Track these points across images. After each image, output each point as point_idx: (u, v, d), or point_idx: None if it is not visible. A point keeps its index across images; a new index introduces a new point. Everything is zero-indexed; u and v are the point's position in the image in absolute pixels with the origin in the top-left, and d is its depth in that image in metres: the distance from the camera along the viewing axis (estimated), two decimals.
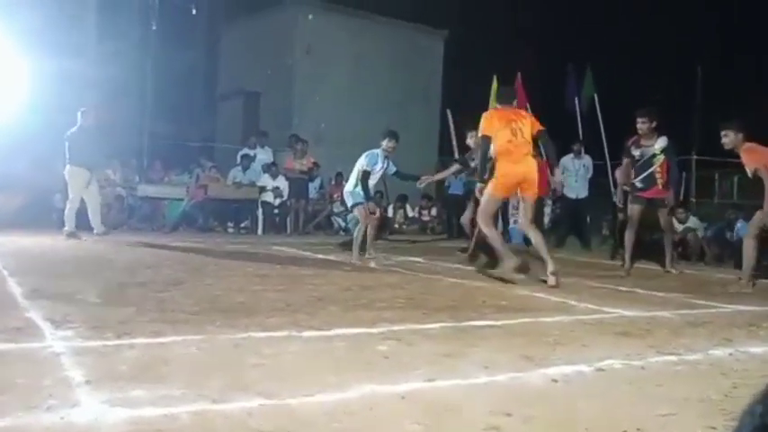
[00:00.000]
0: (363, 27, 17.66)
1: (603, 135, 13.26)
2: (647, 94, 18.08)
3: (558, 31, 20.64)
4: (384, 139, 7.50)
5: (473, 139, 7.74)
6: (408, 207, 14.06)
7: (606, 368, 2.87)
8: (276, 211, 12.67)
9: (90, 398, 2.17)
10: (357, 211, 7.61)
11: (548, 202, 12.52)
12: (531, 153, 6.10)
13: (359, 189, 7.46)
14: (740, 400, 2.38)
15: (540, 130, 6.12)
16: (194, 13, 16.96)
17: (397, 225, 13.64)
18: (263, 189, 12.47)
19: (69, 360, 2.63)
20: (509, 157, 5.90)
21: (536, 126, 6.09)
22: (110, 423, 1.97)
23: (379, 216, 8.84)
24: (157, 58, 14.88)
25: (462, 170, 8.73)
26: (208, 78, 20.13)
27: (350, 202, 7.67)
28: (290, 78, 17.29)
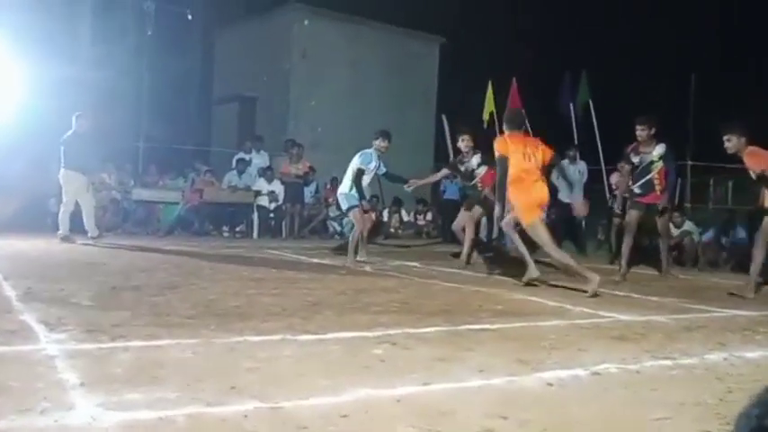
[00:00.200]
0: (359, 32, 17.69)
1: (599, 140, 13.30)
2: (641, 100, 18.17)
3: (554, 37, 20.73)
4: (377, 139, 7.52)
5: (464, 142, 7.75)
6: (403, 211, 14.08)
7: (602, 372, 2.87)
8: (271, 215, 12.67)
9: (84, 401, 2.16)
10: (352, 215, 7.60)
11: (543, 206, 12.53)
12: (542, 179, 6.11)
13: (354, 191, 7.46)
14: (735, 404, 2.39)
15: (553, 155, 6.25)
16: (190, 18, 16.95)
17: (392, 229, 13.64)
18: (258, 193, 12.47)
19: (63, 363, 2.62)
20: (521, 185, 5.92)
21: (548, 153, 6.16)
22: (104, 426, 1.96)
23: (374, 219, 8.83)
24: (153, 62, 14.89)
25: (451, 175, 8.69)
26: (203, 83, 20.13)
27: (345, 205, 7.66)
28: (286, 83, 17.30)
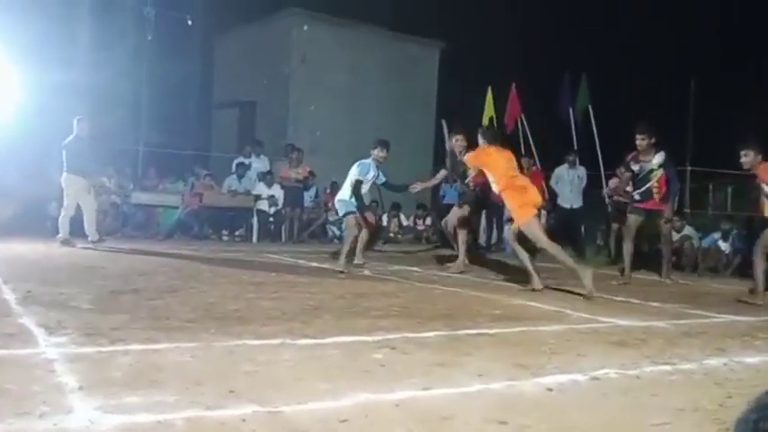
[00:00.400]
0: (359, 37, 17.71)
1: (598, 145, 13.31)
2: (641, 104, 18.19)
3: (554, 43, 20.76)
4: (375, 149, 7.52)
5: (458, 142, 7.72)
6: (402, 216, 14.06)
7: (601, 377, 2.87)
8: (271, 219, 12.67)
9: (83, 404, 2.16)
10: (346, 221, 7.61)
11: (543, 212, 12.54)
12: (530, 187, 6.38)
13: (352, 199, 7.48)
14: (734, 409, 2.38)
15: None
16: (190, 23, 16.97)
17: (391, 234, 13.63)
18: (258, 197, 12.47)
19: (63, 366, 2.62)
20: (514, 188, 6.23)
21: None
22: (103, 429, 1.96)
23: (374, 224, 8.83)
24: (153, 67, 14.91)
25: (450, 177, 8.65)
26: (203, 87, 20.15)
27: (342, 211, 7.67)
28: (285, 88, 17.31)
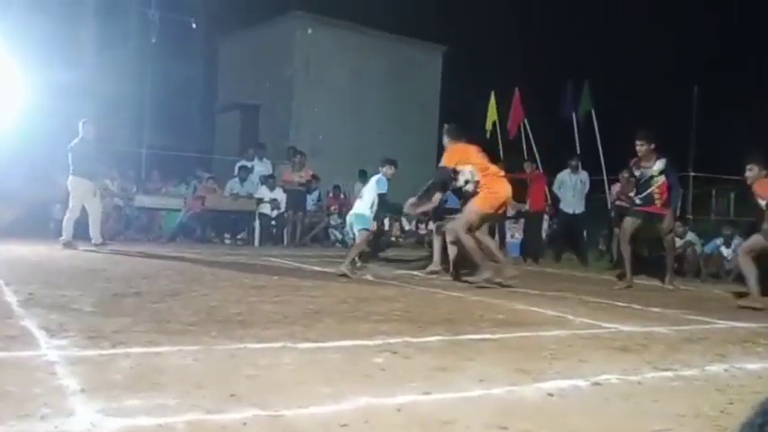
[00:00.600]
0: (362, 41, 17.75)
1: (601, 150, 13.30)
2: (643, 109, 18.16)
3: (557, 48, 20.77)
4: (384, 166, 7.68)
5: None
6: (404, 220, 14.06)
7: (602, 383, 2.87)
8: (273, 222, 12.68)
9: (85, 407, 2.16)
10: (360, 235, 7.54)
11: (545, 216, 12.55)
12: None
13: (369, 214, 7.54)
14: (736, 415, 2.38)
15: None
16: (194, 26, 17.02)
17: (393, 238, 13.63)
18: (260, 201, 12.49)
19: (64, 369, 2.62)
20: (497, 179, 6.55)
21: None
22: None
23: (377, 230, 8.87)
24: (156, 69, 14.94)
25: (444, 189, 8.50)
26: (206, 91, 20.20)
27: (359, 226, 7.59)
28: (288, 91, 17.35)
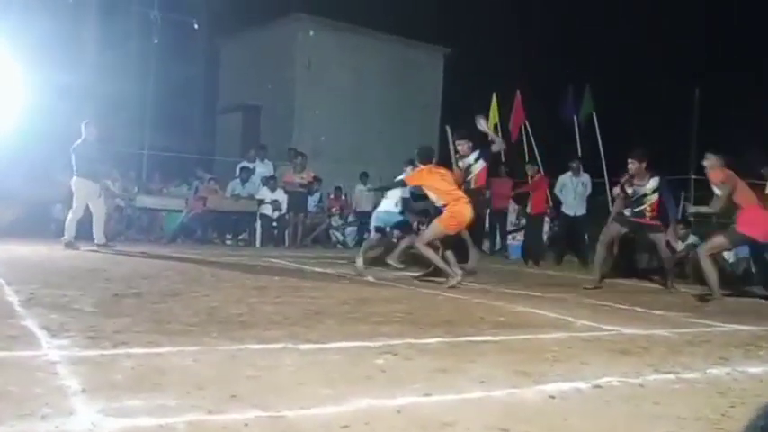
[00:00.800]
0: (364, 43, 17.76)
1: (602, 153, 13.29)
2: (645, 111, 18.13)
3: (558, 50, 20.78)
4: (409, 167, 8.14)
5: (463, 146, 8.21)
6: None
7: (604, 385, 2.86)
8: (274, 223, 12.68)
9: (85, 407, 2.16)
10: (404, 232, 8.42)
11: (547, 219, 12.54)
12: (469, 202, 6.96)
13: (395, 210, 8.12)
14: (737, 419, 2.37)
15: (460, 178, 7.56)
16: (196, 27, 17.03)
17: (394, 239, 13.60)
18: (261, 202, 12.49)
19: (65, 369, 2.62)
20: (461, 202, 6.85)
21: (456, 175, 7.47)
22: None
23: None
24: (158, 70, 14.96)
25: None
26: (208, 92, 20.22)
27: (383, 222, 8.30)
28: (290, 92, 17.36)
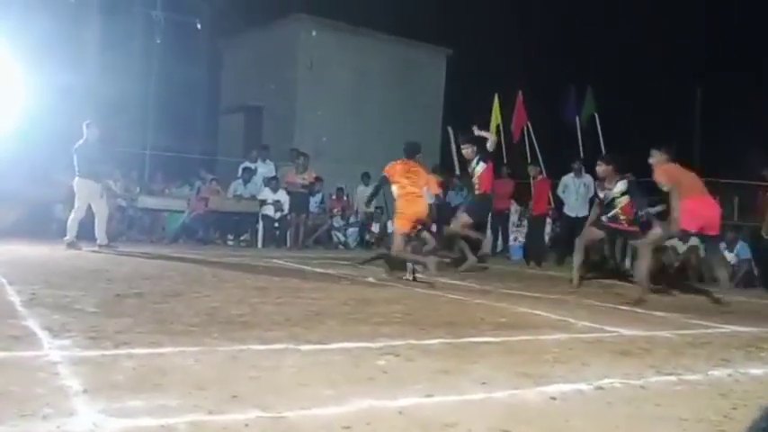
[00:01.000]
0: (366, 44, 17.76)
1: (604, 153, 13.25)
2: (647, 112, 18.09)
3: (559, 51, 20.76)
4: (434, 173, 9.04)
5: (467, 150, 8.69)
6: None
7: (605, 387, 2.86)
8: (276, 224, 12.68)
9: (87, 407, 2.16)
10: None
11: (548, 220, 12.53)
12: (424, 196, 7.36)
13: None
14: (739, 421, 2.37)
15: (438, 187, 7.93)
16: (199, 27, 17.04)
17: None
18: (263, 202, 12.49)
19: (66, 369, 2.62)
20: (407, 198, 7.19)
21: (432, 182, 7.65)
22: None
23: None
24: (160, 70, 14.96)
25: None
26: (210, 92, 20.21)
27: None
28: (292, 93, 17.36)
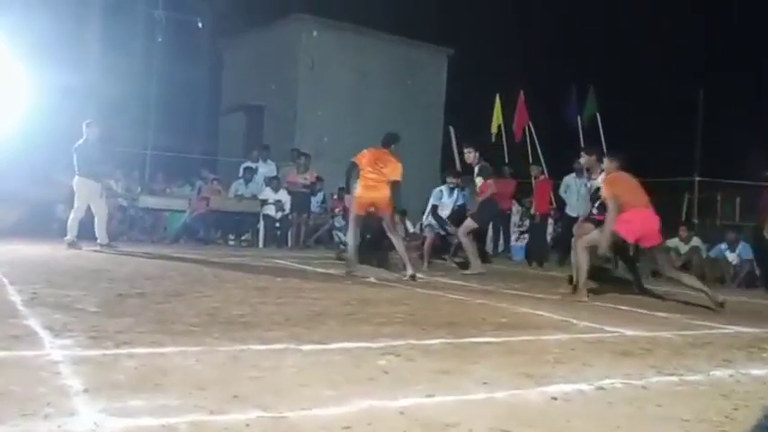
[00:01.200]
0: (367, 44, 17.76)
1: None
2: (649, 112, 18.08)
3: (560, 51, 20.76)
4: (449, 176, 9.76)
5: (470, 154, 8.95)
6: (408, 222, 13.99)
7: (606, 387, 2.86)
8: (277, 224, 12.68)
9: (88, 407, 2.16)
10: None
11: (550, 220, 12.53)
12: (385, 184, 7.60)
13: (429, 220, 9.99)
14: (740, 421, 2.37)
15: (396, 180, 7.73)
16: (200, 26, 17.04)
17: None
18: (264, 202, 12.49)
19: (68, 369, 2.62)
20: (365, 183, 7.62)
21: (395, 173, 7.70)
22: None
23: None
24: (161, 70, 14.97)
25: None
26: (211, 92, 20.24)
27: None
28: (293, 93, 17.36)
